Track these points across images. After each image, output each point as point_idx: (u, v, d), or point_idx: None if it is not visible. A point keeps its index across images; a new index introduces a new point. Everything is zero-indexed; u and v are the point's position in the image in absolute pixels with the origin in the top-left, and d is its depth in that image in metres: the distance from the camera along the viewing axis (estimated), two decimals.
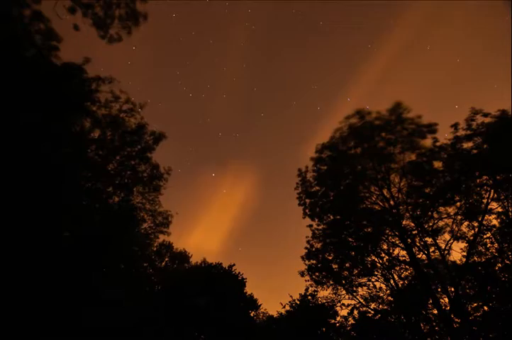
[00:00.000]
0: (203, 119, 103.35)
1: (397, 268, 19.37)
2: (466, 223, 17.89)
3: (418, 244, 18.14)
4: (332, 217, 20.42)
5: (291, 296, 21.34)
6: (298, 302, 20.96)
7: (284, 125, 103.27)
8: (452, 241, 17.73)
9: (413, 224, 18.36)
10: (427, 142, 18.21)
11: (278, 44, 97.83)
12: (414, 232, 18.21)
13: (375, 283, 19.80)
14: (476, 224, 17.59)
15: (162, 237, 23.57)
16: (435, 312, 17.46)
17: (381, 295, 19.65)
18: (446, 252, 17.84)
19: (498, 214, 17.91)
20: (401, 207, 18.79)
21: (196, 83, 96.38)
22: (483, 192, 17.29)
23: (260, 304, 26.01)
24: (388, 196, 19.16)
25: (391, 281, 19.31)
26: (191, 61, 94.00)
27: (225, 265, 25.76)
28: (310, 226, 21.33)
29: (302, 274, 21.36)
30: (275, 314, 22.49)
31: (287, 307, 21.19)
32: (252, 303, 25.31)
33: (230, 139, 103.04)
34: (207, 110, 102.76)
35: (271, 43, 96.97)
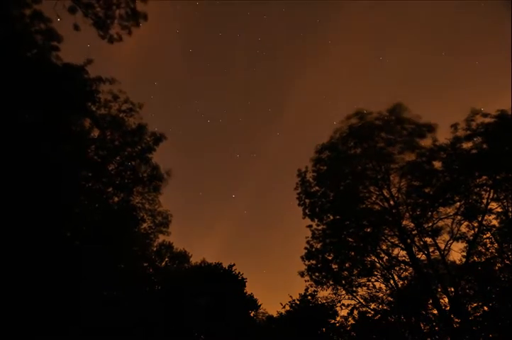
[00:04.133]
0: (222, 142, 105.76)
1: (397, 268, 19.31)
2: (465, 223, 17.86)
3: (418, 244, 18.13)
4: (332, 217, 20.39)
5: (290, 296, 21.27)
6: (298, 302, 20.90)
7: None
8: (451, 241, 17.70)
9: (412, 224, 18.35)
10: (427, 142, 18.26)
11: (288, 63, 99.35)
12: (414, 232, 18.20)
13: (375, 283, 19.74)
14: (475, 224, 17.57)
15: (162, 237, 23.59)
16: (435, 312, 17.42)
17: (381, 295, 19.58)
18: (446, 252, 17.83)
19: (498, 214, 17.90)
20: (400, 207, 18.79)
21: (213, 109, 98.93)
22: (482, 192, 17.27)
23: (260, 304, 26.01)
24: (387, 196, 19.17)
25: (391, 281, 19.26)
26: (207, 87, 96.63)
27: (225, 265, 25.79)
28: (310, 226, 21.29)
29: (302, 274, 21.31)
30: (275, 314, 22.45)
31: (287, 307, 21.13)
32: (252, 303, 25.29)
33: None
34: (226, 134, 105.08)
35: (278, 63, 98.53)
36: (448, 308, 16.83)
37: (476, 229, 17.41)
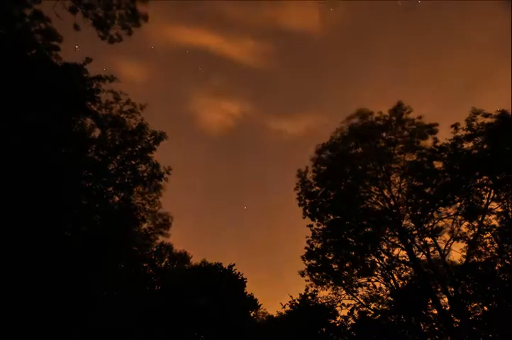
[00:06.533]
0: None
1: (397, 268, 19.33)
2: (466, 223, 17.92)
3: (418, 244, 18.15)
4: (332, 217, 20.39)
5: (291, 296, 21.24)
6: (298, 302, 20.88)
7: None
8: (451, 241, 17.75)
9: (413, 224, 18.37)
10: (428, 142, 18.26)
11: None
12: (414, 232, 18.21)
13: (375, 283, 19.77)
14: (476, 224, 17.59)
15: (161, 238, 23.54)
16: (435, 312, 17.44)
17: (381, 295, 19.61)
18: (446, 252, 17.85)
19: (498, 214, 17.91)
20: (401, 207, 18.80)
21: None
22: (483, 192, 17.26)
23: (260, 304, 25.98)
24: (388, 196, 19.18)
25: (391, 281, 19.28)
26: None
27: (225, 265, 25.74)
28: (311, 226, 21.30)
29: (302, 274, 21.33)
30: (275, 314, 22.43)
31: (287, 307, 21.11)
32: (252, 303, 25.25)
33: None
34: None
35: None
36: (448, 308, 16.85)
37: (477, 229, 17.44)
